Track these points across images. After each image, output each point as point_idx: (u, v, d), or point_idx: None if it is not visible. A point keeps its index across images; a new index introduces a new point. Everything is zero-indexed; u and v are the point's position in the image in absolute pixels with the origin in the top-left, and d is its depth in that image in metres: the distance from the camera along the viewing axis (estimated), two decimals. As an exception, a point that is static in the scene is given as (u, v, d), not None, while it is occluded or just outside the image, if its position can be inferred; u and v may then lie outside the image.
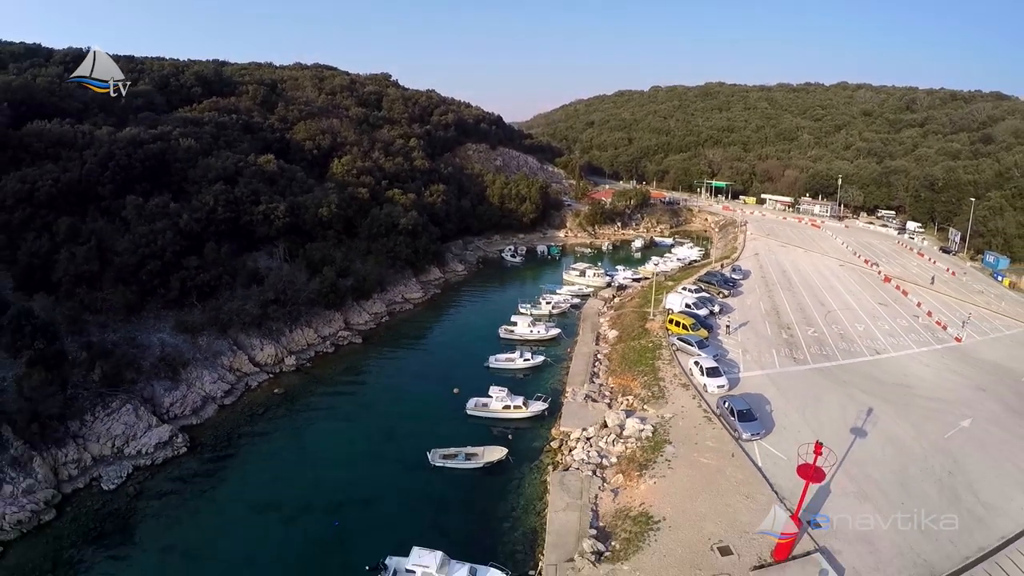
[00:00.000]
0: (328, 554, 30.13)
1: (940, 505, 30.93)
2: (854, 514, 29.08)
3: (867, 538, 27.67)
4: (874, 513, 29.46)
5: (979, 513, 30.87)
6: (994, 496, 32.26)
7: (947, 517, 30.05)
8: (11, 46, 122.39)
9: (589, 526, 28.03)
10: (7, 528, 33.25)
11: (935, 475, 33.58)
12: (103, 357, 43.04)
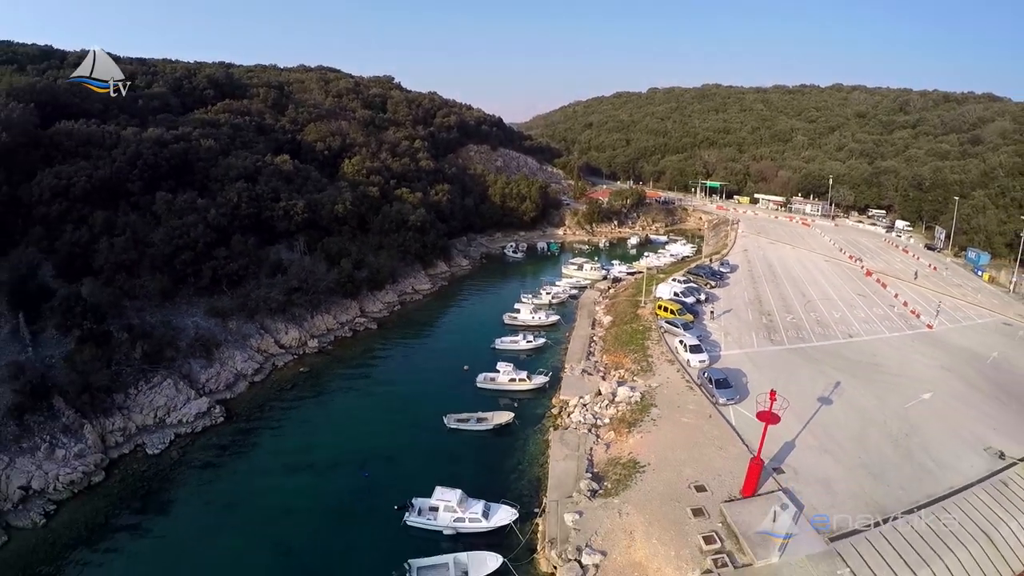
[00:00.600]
0: (358, 500, 34.69)
1: (895, 460, 35.53)
2: (815, 464, 33.72)
3: (826, 483, 32.28)
4: (834, 464, 34.10)
5: (930, 467, 35.45)
6: (946, 455, 36.79)
7: (900, 469, 34.70)
8: (25, 47, 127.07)
9: (585, 471, 32.77)
10: (60, 488, 37.59)
11: (892, 436, 38.19)
12: (143, 337, 47.56)
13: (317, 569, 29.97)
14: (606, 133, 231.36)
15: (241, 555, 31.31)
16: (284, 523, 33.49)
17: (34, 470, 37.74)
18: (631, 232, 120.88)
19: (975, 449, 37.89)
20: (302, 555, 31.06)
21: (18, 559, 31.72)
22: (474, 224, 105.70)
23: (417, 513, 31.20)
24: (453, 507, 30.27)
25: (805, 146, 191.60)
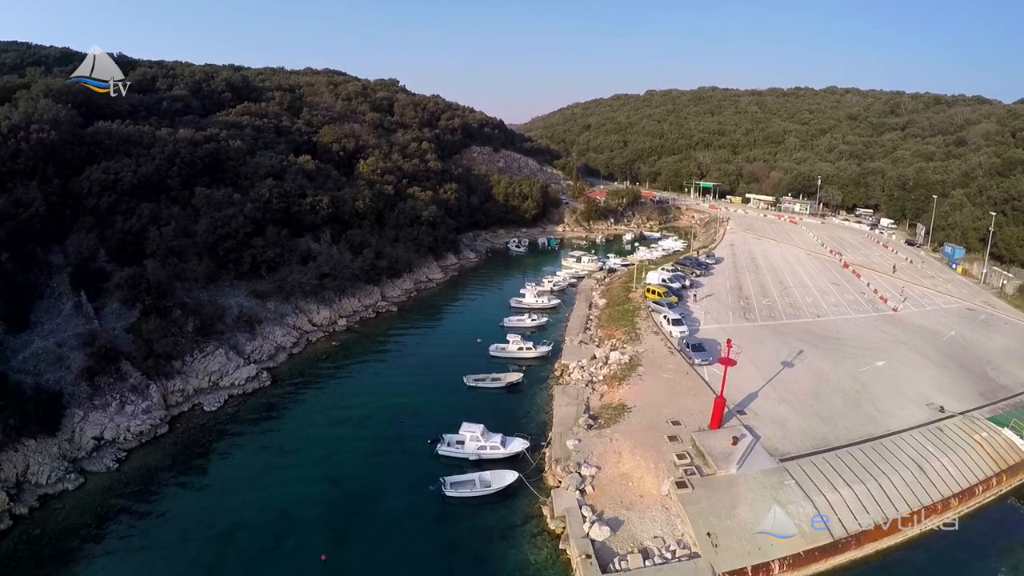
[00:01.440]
0: (393, 443, 41.91)
1: (843, 409, 42.85)
2: (774, 409, 41.05)
3: (781, 423, 39.58)
4: (789, 410, 41.43)
5: (874, 415, 42.77)
6: (890, 407, 44.08)
7: (847, 416, 41.99)
8: (45, 49, 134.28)
9: (583, 413, 40.22)
10: (129, 438, 44.56)
11: (844, 392, 45.53)
12: (194, 313, 54.77)
13: (363, 493, 37.01)
14: (604, 135, 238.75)
15: (295, 487, 38.15)
16: (330, 461, 40.56)
17: (106, 423, 44.63)
18: (627, 229, 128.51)
19: (918, 404, 45.14)
20: (348, 484, 38.13)
21: (94, 498, 37.92)
22: (479, 221, 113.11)
23: (447, 445, 38.55)
24: (477, 437, 37.61)
25: (797, 147, 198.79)
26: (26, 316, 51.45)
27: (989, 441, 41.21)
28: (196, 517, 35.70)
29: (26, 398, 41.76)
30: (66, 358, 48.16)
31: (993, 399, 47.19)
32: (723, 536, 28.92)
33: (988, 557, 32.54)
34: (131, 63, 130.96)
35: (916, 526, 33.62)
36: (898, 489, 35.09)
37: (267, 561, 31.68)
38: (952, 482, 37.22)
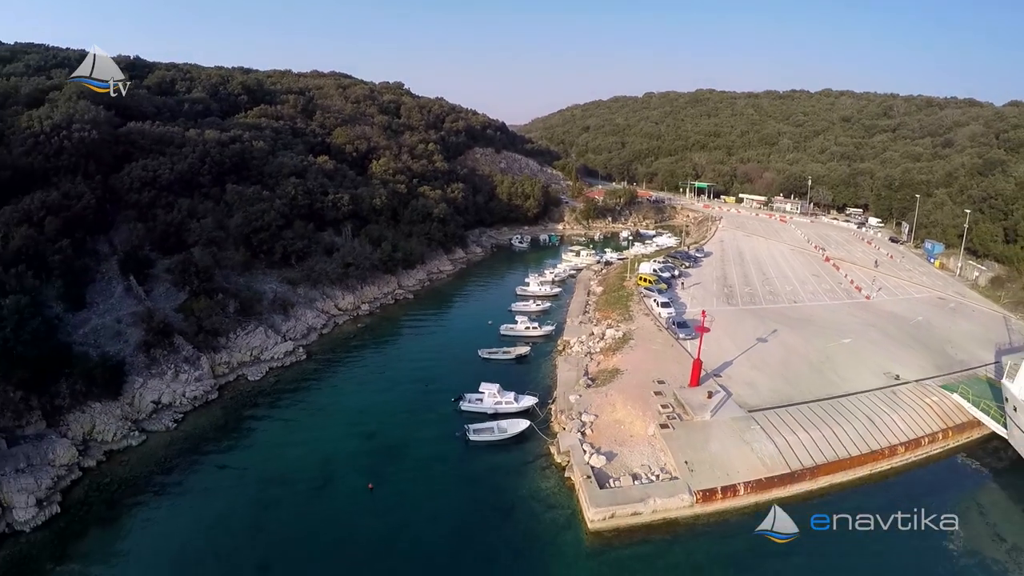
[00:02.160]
0: (419, 403, 48.78)
1: (808, 375, 49.83)
2: (746, 374, 48.03)
3: (751, 384, 46.56)
4: (760, 375, 48.40)
5: (834, 379, 49.73)
6: (849, 374, 50.97)
7: (811, 380, 48.94)
8: (64, 52, 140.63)
9: (583, 375, 47.27)
10: (184, 402, 51.21)
11: (810, 362, 52.52)
12: (234, 296, 61.63)
13: (396, 443, 43.72)
14: (603, 136, 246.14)
15: (336, 440, 44.73)
16: (365, 420, 47.27)
17: (163, 389, 51.25)
18: (623, 227, 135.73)
19: (876, 374, 52.01)
20: (382, 436, 44.83)
21: (156, 452, 44.26)
22: (484, 219, 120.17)
23: (468, 402, 45.51)
24: (494, 394, 44.61)
25: (790, 148, 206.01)
26: (83, 297, 58.11)
27: (939, 404, 47.95)
28: (250, 465, 42.18)
29: (92, 365, 48.29)
30: (123, 333, 54.92)
31: (948, 371, 54.00)
32: (698, 464, 35.85)
33: (937, 502, 38.83)
34: (148, 66, 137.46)
35: (867, 467, 40.54)
36: (850, 436, 41.93)
37: (319, 496, 38.32)
38: (900, 433, 43.94)
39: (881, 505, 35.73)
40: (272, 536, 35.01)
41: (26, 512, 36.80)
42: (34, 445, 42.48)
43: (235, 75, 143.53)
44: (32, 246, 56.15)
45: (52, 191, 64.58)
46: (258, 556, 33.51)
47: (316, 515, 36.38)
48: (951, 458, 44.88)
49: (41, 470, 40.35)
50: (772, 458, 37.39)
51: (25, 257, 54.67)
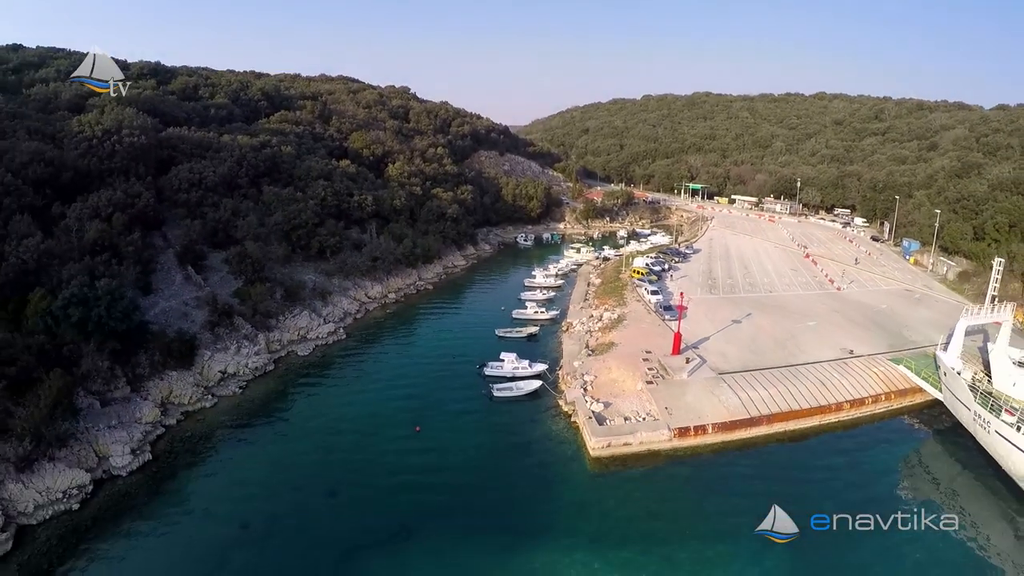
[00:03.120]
0: (447, 371, 59.27)
1: (772, 348, 60.38)
2: (719, 347, 58.67)
3: (723, 355, 57.17)
4: (731, 348, 59.02)
5: (795, 352, 60.25)
6: (808, 349, 61.49)
7: (774, 352, 59.48)
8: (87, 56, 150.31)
9: (584, 347, 57.88)
10: (247, 372, 61.10)
11: (776, 339, 63.10)
12: (281, 284, 71.99)
13: (431, 401, 53.97)
14: (602, 138, 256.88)
15: (380, 398, 55.05)
16: (403, 382, 57.72)
17: (228, 360, 61.25)
18: (621, 227, 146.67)
19: (833, 349, 62.52)
20: (418, 396, 55.10)
21: (227, 411, 54.32)
22: (491, 218, 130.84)
23: (490, 368, 56.05)
24: (512, 361, 55.22)
25: (783, 151, 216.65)
26: (150, 284, 68.29)
27: (885, 373, 58.25)
28: (310, 419, 52.41)
29: (170, 339, 58.25)
30: (189, 314, 65.04)
31: (899, 349, 64.36)
32: (675, 410, 46.40)
33: (883, 453, 48.83)
34: (170, 72, 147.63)
35: (816, 418, 50.96)
36: (802, 393, 52.43)
37: (372, 439, 48.43)
38: (847, 393, 54.16)
39: (852, 473, 44.57)
40: (336, 470, 44.95)
41: (122, 459, 45.65)
42: (123, 406, 52.03)
43: (252, 81, 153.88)
44: (106, 238, 66.15)
45: (116, 191, 74.56)
46: (326, 486, 43.36)
47: (371, 453, 46.57)
48: (897, 418, 55.04)
49: (131, 426, 49.66)
50: (736, 407, 47.92)
51: (100, 248, 64.76)
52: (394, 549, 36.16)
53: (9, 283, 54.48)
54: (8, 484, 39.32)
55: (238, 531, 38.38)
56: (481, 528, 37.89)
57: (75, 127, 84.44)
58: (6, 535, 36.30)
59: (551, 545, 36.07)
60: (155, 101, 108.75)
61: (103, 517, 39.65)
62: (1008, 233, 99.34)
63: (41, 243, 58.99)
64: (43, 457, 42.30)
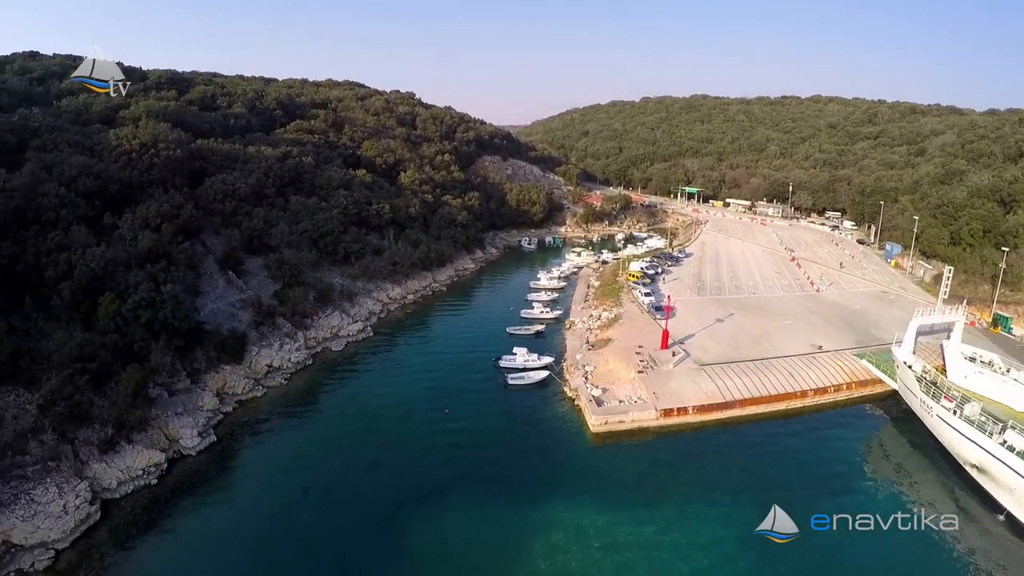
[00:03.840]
0: (466, 362, 69.27)
1: (748, 344, 70.26)
2: (703, 343, 68.59)
3: (705, 349, 67.12)
4: (713, 343, 68.93)
5: (768, 347, 70.16)
6: (782, 345, 71.39)
7: (751, 348, 69.40)
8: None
9: (585, 343, 67.90)
10: (289, 366, 70.30)
11: (753, 336, 72.99)
12: (313, 287, 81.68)
13: (454, 388, 63.61)
14: (601, 141, 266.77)
15: (408, 388, 64.65)
16: (428, 373, 67.50)
17: (273, 355, 70.75)
18: (619, 230, 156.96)
19: (804, 345, 72.36)
20: (443, 384, 64.77)
21: (276, 399, 63.89)
22: (496, 223, 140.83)
23: (504, 360, 65.98)
24: (523, 354, 65.26)
25: (777, 155, 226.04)
26: (197, 287, 77.88)
27: (848, 365, 67.90)
28: (349, 404, 62.09)
29: (224, 337, 67.80)
30: (236, 315, 74.56)
31: (865, 345, 74.13)
32: (662, 394, 56.33)
33: (844, 434, 58.47)
34: (186, 80, 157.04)
35: (783, 403, 60.73)
36: (772, 382, 62.24)
37: (406, 420, 58.06)
38: (812, 383, 63.85)
39: (822, 454, 53.71)
40: (377, 444, 54.50)
41: (191, 441, 54.63)
42: (186, 395, 61.18)
43: (266, 90, 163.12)
44: (159, 247, 75.51)
45: (163, 203, 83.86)
46: (369, 457, 52.93)
47: (406, 432, 56.25)
48: (859, 406, 64.52)
49: (195, 412, 58.71)
50: (713, 392, 57.88)
51: (154, 256, 74.15)
52: (429, 506, 45.57)
53: (81, 288, 62.74)
54: (93, 464, 47.55)
55: (298, 495, 47.58)
56: (501, 489, 47.51)
57: (113, 140, 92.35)
58: (94, 507, 44.46)
59: (559, 501, 45.79)
60: (181, 113, 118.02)
61: (179, 489, 48.29)
62: (982, 238, 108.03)
63: (105, 252, 68.25)
64: (124, 440, 50.84)
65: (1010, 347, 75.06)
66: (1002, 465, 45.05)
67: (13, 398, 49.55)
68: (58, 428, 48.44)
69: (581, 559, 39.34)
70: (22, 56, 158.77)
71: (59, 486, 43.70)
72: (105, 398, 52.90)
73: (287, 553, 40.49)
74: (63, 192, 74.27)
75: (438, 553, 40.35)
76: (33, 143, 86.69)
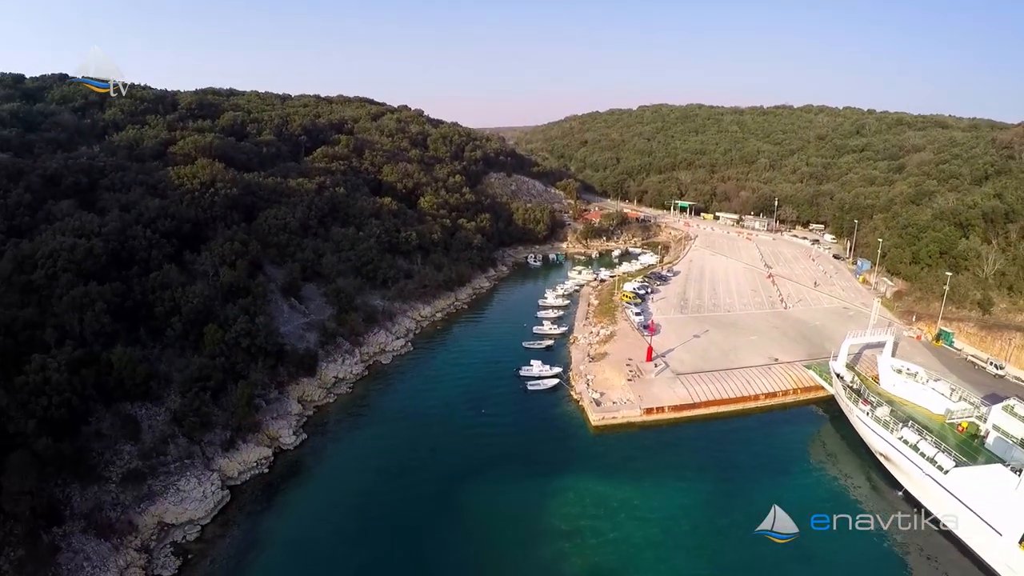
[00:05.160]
0: (491, 371, 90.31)
1: (717, 357, 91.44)
2: (680, 356, 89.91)
3: (681, 361, 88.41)
4: (688, 356, 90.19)
5: (734, 359, 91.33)
6: (745, 358, 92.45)
7: (719, 360, 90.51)
8: (143, 91, 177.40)
9: (586, 356, 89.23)
10: (352, 376, 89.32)
11: (722, 350, 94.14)
12: (362, 310, 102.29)
13: (484, 392, 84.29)
14: (599, 152, 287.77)
15: (448, 392, 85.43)
16: (462, 380, 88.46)
17: (338, 369, 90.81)
18: (616, 245, 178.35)
19: (763, 357, 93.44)
20: (475, 389, 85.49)
21: (345, 403, 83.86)
22: (504, 240, 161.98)
23: (523, 370, 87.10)
24: (538, 365, 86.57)
25: (766, 167, 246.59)
26: (271, 314, 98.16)
27: (796, 374, 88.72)
28: (404, 406, 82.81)
29: (302, 355, 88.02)
30: (304, 336, 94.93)
31: (816, 358, 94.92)
32: (645, 397, 77.47)
33: (790, 429, 79.69)
34: (214, 107, 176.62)
35: (740, 404, 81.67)
36: (732, 387, 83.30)
37: (451, 417, 78.51)
38: (765, 388, 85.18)
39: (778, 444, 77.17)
40: (432, 436, 74.66)
41: (288, 438, 74.08)
42: (278, 403, 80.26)
43: (291, 116, 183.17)
44: (239, 281, 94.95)
45: (235, 241, 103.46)
46: (428, 446, 73.19)
47: (452, 425, 76.96)
48: (805, 407, 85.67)
49: (286, 417, 77.61)
50: (684, 396, 78.98)
51: (235, 289, 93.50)
52: (475, 478, 65.91)
53: (188, 321, 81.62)
54: (218, 459, 66.38)
55: (377, 475, 67.82)
56: (524, 467, 68.01)
57: (175, 179, 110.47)
58: (225, 492, 62.98)
59: (568, 476, 66.37)
60: (223, 147, 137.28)
61: (285, 475, 67.95)
62: (938, 259, 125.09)
63: (204, 290, 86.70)
64: (240, 440, 70.12)
65: (948, 359, 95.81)
66: (899, 454, 64.39)
67: (145, 411, 68.00)
68: (188, 434, 66.97)
69: (584, 515, 59.90)
70: (53, 79, 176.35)
71: (197, 477, 62.14)
72: (221, 409, 71.92)
73: (377, 515, 60.04)
74: (149, 234, 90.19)
75: (483, 510, 60.74)
76: (102, 182, 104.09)
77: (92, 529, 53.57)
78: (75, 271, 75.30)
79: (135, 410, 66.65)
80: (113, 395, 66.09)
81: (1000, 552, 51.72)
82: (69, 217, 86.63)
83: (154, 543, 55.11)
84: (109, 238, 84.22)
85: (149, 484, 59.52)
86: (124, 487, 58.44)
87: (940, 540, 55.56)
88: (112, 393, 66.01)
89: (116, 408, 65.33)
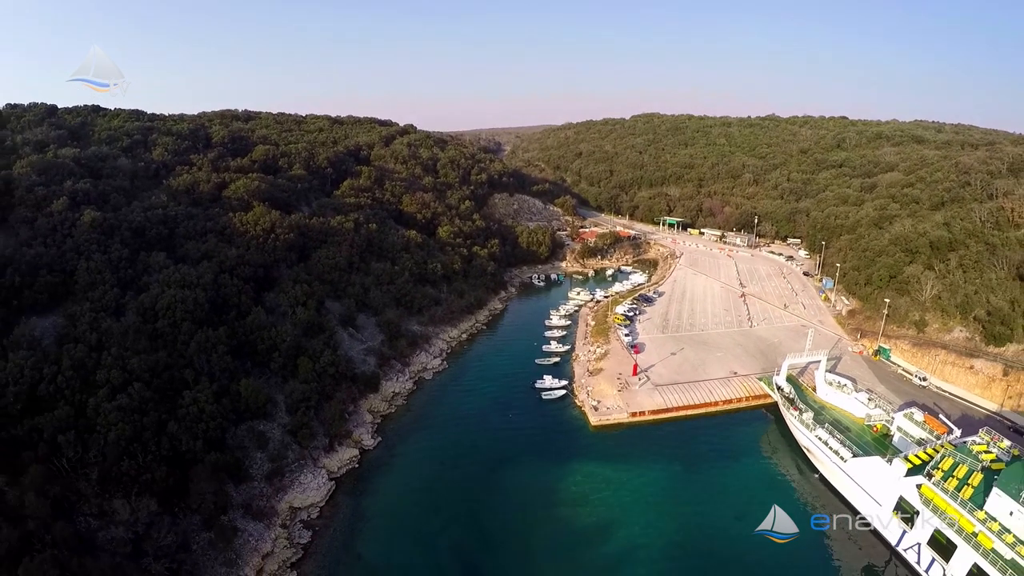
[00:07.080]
0: (510, 385, 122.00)
1: (689, 371, 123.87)
2: (659, 371, 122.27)
3: (660, 374, 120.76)
4: (665, 371, 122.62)
5: (702, 373, 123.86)
6: (711, 371, 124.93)
7: (689, 374, 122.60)
8: (175, 124, 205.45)
9: (585, 371, 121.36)
10: (405, 391, 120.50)
11: (693, 365, 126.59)
12: (405, 336, 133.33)
13: (508, 400, 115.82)
14: (593, 164, 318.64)
15: (480, 401, 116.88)
16: (488, 391, 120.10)
17: (394, 386, 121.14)
18: (609, 264, 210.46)
19: (725, 371, 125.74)
20: (501, 399, 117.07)
21: (404, 414, 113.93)
22: (511, 261, 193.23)
23: (537, 383, 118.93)
24: (549, 379, 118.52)
25: (750, 183, 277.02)
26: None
27: (750, 385, 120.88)
28: (450, 413, 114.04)
29: (368, 377, 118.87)
30: (365, 360, 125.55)
31: (768, 371, 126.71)
32: (631, 403, 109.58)
33: (744, 428, 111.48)
34: (245, 143, 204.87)
35: (703, 408, 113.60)
36: (698, 395, 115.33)
37: (486, 420, 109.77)
38: (724, 396, 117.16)
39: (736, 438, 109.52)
40: (473, 434, 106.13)
41: (369, 441, 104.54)
42: (355, 415, 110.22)
43: (317, 151, 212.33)
44: (313, 319, 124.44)
45: (301, 283, 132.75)
46: (471, 442, 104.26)
47: (487, 426, 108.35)
48: (757, 410, 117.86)
49: (363, 425, 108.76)
50: (661, 402, 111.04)
51: (310, 326, 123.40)
52: (508, 464, 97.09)
53: (286, 354, 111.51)
54: (322, 460, 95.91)
55: (439, 464, 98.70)
56: (543, 455, 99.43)
57: (239, 226, 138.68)
58: (331, 483, 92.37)
59: (575, 462, 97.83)
60: (270, 190, 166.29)
61: (370, 467, 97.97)
62: (887, 282, 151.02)
63: (293, 330, 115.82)
64: (337, 444, 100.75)
65: (883, 372, 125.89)
66: (816, 447, 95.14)
67: (262, 427, 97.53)
68: (300, 442, 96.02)
69: (588, 488, 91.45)
70: (87, 111, 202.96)
71: (311, 473, 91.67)
72: (319, 422, 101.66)
73: (442, 491, 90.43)
74: (236, 282, 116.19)
75: (516, 486, 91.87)
76: (178, 231, 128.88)
77: (249, 515, 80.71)
78: (191, 319, 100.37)
79: (258, 426, 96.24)
80: (243, 416, 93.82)
81: (879, 517, 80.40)
82: (166, 269, 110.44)
83: (290, 522, 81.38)
84: (207, 288, 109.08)
85: (281, 480, 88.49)
86: (265, 483, 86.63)
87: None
88: (242, 415, 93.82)
89: (248, 426, 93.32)
